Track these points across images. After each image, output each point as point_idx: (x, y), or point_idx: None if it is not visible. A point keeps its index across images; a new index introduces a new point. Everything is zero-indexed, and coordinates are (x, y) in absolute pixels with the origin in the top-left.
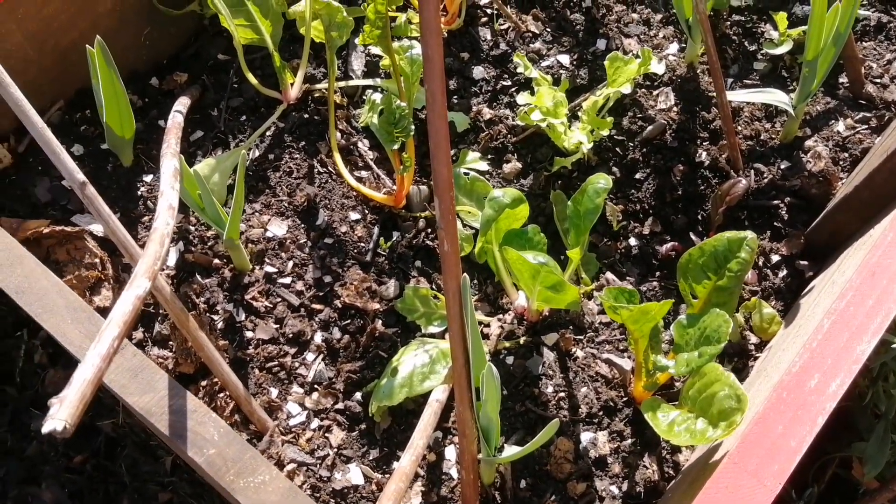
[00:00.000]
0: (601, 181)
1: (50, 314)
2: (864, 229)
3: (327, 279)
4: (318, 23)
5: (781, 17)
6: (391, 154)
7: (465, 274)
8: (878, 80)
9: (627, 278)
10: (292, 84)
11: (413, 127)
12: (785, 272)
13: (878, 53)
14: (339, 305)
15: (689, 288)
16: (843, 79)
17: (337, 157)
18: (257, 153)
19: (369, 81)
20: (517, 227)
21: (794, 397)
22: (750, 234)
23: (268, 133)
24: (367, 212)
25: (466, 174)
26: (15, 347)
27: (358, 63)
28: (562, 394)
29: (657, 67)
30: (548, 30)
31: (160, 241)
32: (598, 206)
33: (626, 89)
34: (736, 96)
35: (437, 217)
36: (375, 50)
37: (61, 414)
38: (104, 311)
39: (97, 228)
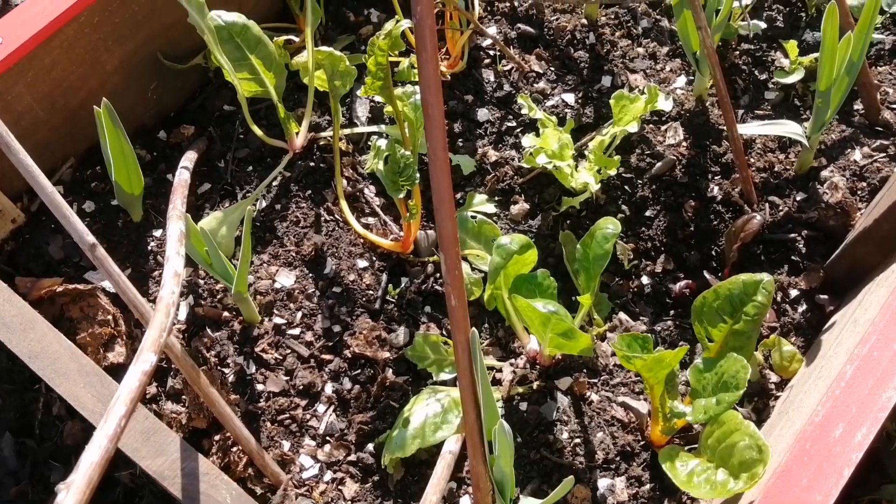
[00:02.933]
0: (609, 226)
1: (63, 378)
2: (886, 263)
3: (336, 329)
4: (322, 72)
5: (792, 46)
6: (398, 201)
7: (473, 328)
8: (895, 106)
9: (641, 318)
10: (297, 133)
11: (418, 175)
12: (804, 307)
13: (893, 78)
14: (349, 355)
15: (704, 331)
16: (857, 105)
17: (343, 204)
18: (264, 203)
19: (374, 128)
20: (526, 273)
21: (819, 448)
22: (766, 276)
23: (274, 183)
24: (374, 259)
25: (474, 217)
26: (33, 400)
27: (362, 110)
28: (577, 440)
29: (664, 104)
30: (551, 69)
31: (166, 312)
32: (608, 252)
33: (633, 128)
34: (748, 129)
35: (443, 272)
36: (379, 97)
37: (69, 501)
38: (118, 368)
39: (109, 285)
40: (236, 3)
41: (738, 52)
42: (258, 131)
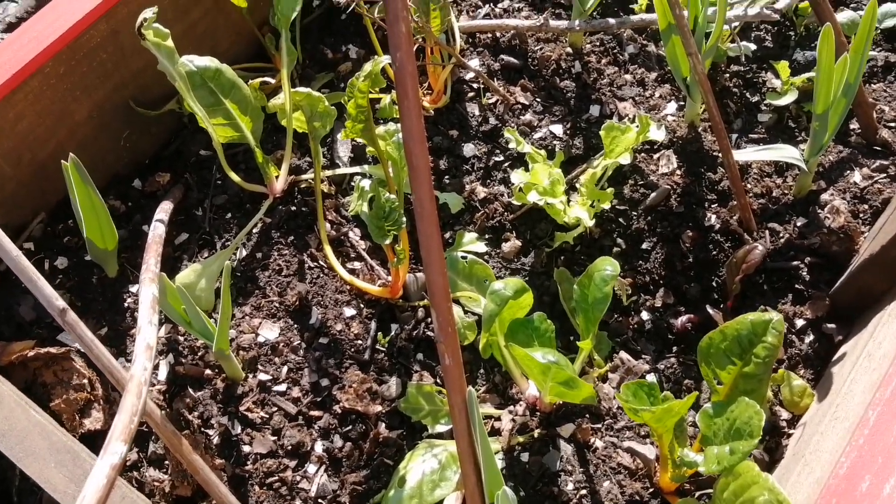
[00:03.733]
0: (608, 267)
1: (32, 458)
2: (894, 290)
3: (325, 383)
4: (300, 113)
5: (783, 66)
6: (385, 247)
7: (470, 387)
8: (893, 125)
9: (643, 356)
10: (277, 177)
11: (405, 219)
12: (812, 337)
13: (888, 95)
14: (339, 411)
15: (712, 373)
16: (854, 125)
17: (328, 249)
18: (244, 252)
19: (356, 169)
20: (522, 317)
21: None
22: (776, 315)
23: (254, 230)
24: (362, 306)
25: (464, 257)
26: (11, 466)
27: (344, 150)
28: (583, 490)
29: (656, 134)
30: (538, 100)
31: (137, 392)
32: (608, 295)
33: (625, 160)
34: (743, 155)
35: (435, 330)
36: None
37: None
38: (95, 435)
39: None
40: (209, 44)
41: (728, 75)
42: (236, 178)
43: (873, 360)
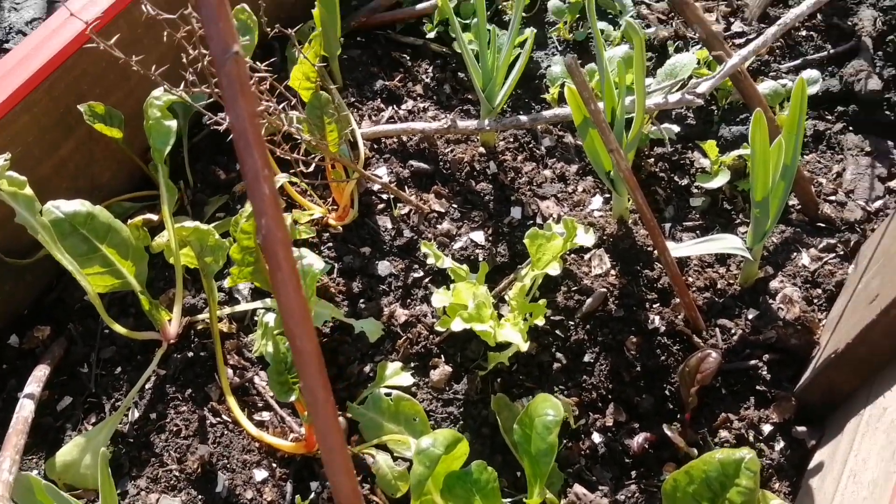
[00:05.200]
0: (549, 412)
1: None
2: (865, 386)
3: None
4: (190, 249)
5: (710, 146)
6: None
7: None
8: (833, 199)
9: (600, 487)
10: (170, 320)
11: None
12: (782, 444)
13: (823, 166)
14: None
15: None
16: (793, 200)
17: (231, 401)
18: (137, 413)
19: (259, 304)
20: (458, 469)
21: None
22: (748, 453)
23: (148, 385)
24: (275, 465)
25: (388, 394)
26: None
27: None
28: None
29: (584, 239)
30: (454, 206)
31: None
32: (553, 445)
33: (554, 270)
34: (681, 251)
35: None
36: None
37: None
38: None
39: None
40: (88, 178)
41: (652, 159)
42: (122, 330)
43: (861, 485)
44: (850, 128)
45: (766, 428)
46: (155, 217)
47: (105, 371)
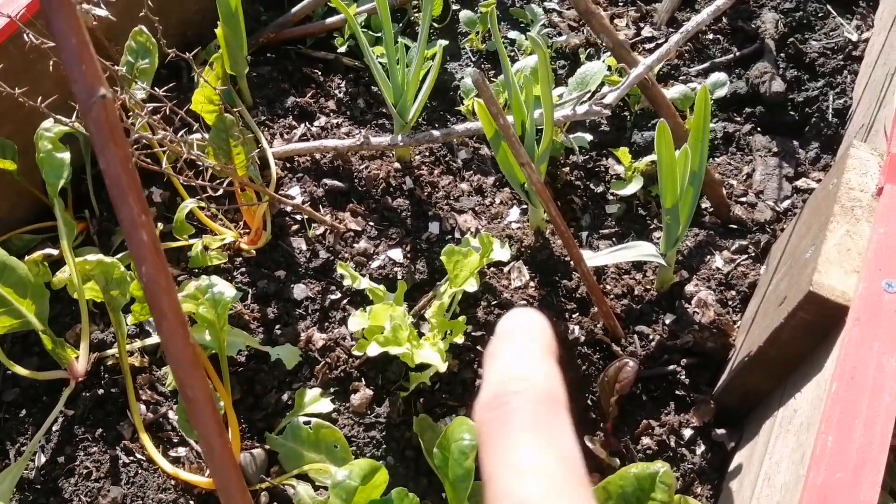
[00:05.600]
0: (465, 436)
1: None
2: (779, 388)
3: None
4: (94, 282)
5: (623, 153)
6: None
7: None
8: (744, 200)
9: None
10: (77, 358)
11: (222, 404)
12: (703, 447)
13: (733, 167)
14: None
15: None
16: (705, 203)
17: (144, 437)
18: (44, 458)
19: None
20: (378, 497)
21: None
22: (661, 467)
23: (55, 427)
24: (192, 503)
25: (307, 423)
26: None
27: None
28: None
29: (501, 254)
30: (370, 224)
31: None
32: (470, 470)
33: (472, 286)
34: (597, 261)
35: None
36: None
37: None
38: None
39: None
40: None
41: (568, 168)
42: (23, 371)
43: (774, 489)
44: (758, 129)
45: (687, 432)
46: (55, 252)
47: (9, 415)
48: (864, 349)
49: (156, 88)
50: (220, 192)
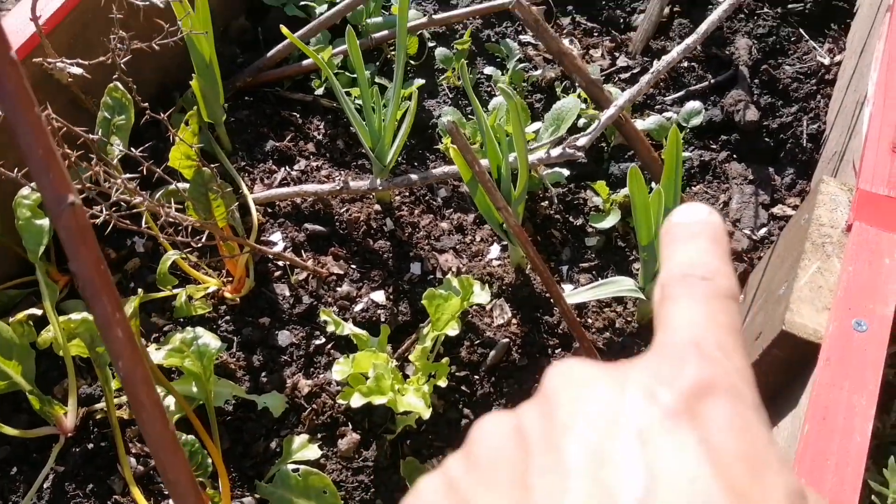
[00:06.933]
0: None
1: None
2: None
3: None
4: (80, 340)
5: (601, 186)
6: None
7: None
8: None
9: None
10: (66, 414)
11: (210, 460)
12: None
13: (710, 196)
14: None
15: None
16: None
17: (135, 491)
18: None
19: (158, 389)
20: None
21: None
22: None
23: (46, 485)
24: None
25: (296, 470)
26: None
27: None
28: None
29: (481, 297)
30: (353, 267)
31: None
32: None
33: (453, 330)
34: (577, 298)
35: None
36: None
37: None
38: None
39: None
40: None
41: (546, 202)
42: (12, 431)
43: None
44: (734, 156)
45: None
46: (39, 312)
47: (0, 473)
48: (835, 389)
49: (132, 149)
50: (202, 244)
